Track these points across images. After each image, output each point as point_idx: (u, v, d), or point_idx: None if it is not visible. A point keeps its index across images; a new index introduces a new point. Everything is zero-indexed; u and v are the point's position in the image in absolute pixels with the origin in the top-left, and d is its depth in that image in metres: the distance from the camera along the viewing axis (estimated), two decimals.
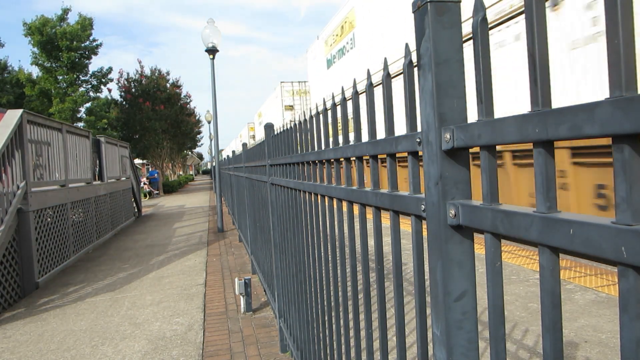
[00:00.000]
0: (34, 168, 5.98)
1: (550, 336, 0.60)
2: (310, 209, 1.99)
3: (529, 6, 0.60)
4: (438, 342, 0.84)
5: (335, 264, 1.65)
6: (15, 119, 5.42)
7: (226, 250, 7.17)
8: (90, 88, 20.81)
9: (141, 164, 34.61)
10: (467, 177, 0.81)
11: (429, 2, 0.78)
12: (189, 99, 29.35)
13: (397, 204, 1.03)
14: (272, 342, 3.33)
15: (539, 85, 0.59)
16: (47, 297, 5.02)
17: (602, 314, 3.32)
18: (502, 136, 0.65)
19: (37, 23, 18.72)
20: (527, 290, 3.98)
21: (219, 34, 9.43)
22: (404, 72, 0.97)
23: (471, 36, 0.72)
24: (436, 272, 0.83)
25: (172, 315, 4.04)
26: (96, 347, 3.43)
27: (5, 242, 4.87)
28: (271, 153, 3.05)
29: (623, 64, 0.46)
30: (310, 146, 1.91)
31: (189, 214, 13.36)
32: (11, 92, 23.02)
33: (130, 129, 23.77)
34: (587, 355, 2.72)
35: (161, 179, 26.97)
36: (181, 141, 30.16)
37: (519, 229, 0.63)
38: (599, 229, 0.49)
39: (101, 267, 6.44)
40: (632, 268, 0.46)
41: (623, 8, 0.46)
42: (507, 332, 3.08)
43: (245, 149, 5.34)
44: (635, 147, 0.46)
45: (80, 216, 7.78)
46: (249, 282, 3.92)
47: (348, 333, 1.56)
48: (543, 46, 0.59)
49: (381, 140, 1.11)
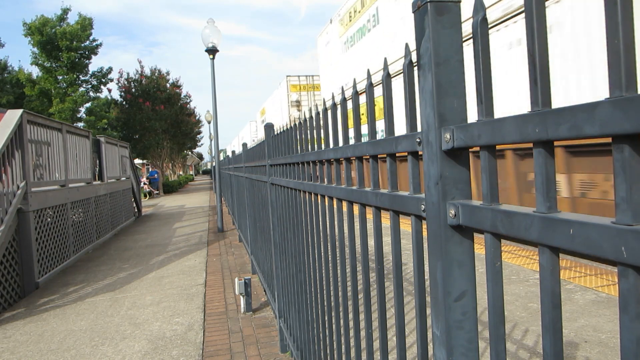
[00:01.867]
0: (34, 168, 5.98)
1: (550, 336, 0.60)
2: (310, 209, 1.99)
3: (529, 6, 0.60)
4: (438, 342, 0.84)
5: (335, 264, 1.65)
6: (15, 119, 5.42)
7: (226, 250, 7.17)
8: (90, 88, 20.83)
9: (141, 164, 34.62)
10: (467, 177, 0.81)
11: (429, 2, 0.78)
12: (189, 99, 29.36)
13: (397, 204, 1.03)
14: (272, 342, 3.33)
15: (539, 85, 0.59)
16: (47, 297, 5.02)
17: (602, 314, 3.32)
18: (502, 136, 0.65)
19: (37, 23, 18.72)
20: (527, 290, 3.98)
21: (219, 33, 9.43)
22: (403, 72, 0.97)
23: (471, 36, 0.72)
24: (436, 272, 0.83)
25: (172, 315, 4.04)
26: (96, 347, 3.43)
27: (5, 242, 4.87)
28: (271, 153, 3.05)
29: (623, 64, 0.46)
30: (310, 146, 1.91)
31: (189, 214, 13.36)
32: (11, 92, 23.03)
33: (130, 129, 23.77)
34: (587, 355, 2.72)
35: (161, 179, 26.97)
36: (181, 141, 30.16)
37: (519, 229, 0.63)
38: (599, 229, 0.49)
39: (101, 267, 6.44)
40: (632, 268, 0.46)
41: (623, 8, 0.46)
42: (507, 332, 3.08)
43: (245, 149, 5.34)
44: (635, 147, 0.46)
45: (80, 216, 7.78)
46: (249, 282, 3.92)
47: (348, 333, 1.56)
48: (543, 46, 0.59)
49: (381, 140, 1.11)
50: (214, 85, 9.60)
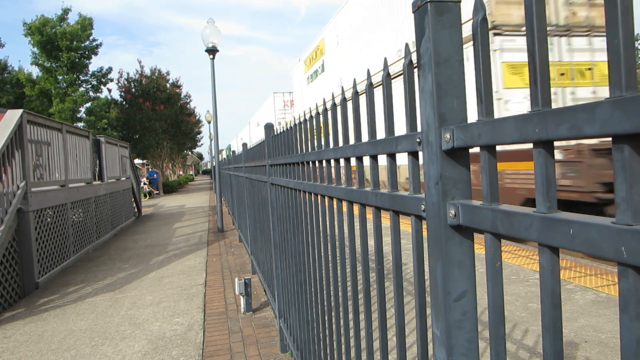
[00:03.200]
0: (34, 168, 5.98)
1: (550, 336, 0.60)
2: (310, 209, 1.99)
3: (529, 6, 0.60)
4: (438, 342, 0.84)
5: (335, 264, 1.65)
6: (15, 119, 5.42)
7: (226, 250, 7.17)
8: (90, 88, 20.84)
9: (141, 164, 34.61)
10: (467, 177, 0.81)
11: (429, 2, 0.78)
12: (189, 99, 29.37)
13: (397, 204, 1.03)
14: (272, 342, 3.33)
15: (539, 85, 0.59)
16: (47, 297, 5.02)
17: (602, 314, 3.32)
18: (502, 136, 0.65)
19: (37, 23, 18.73)
20: (527, 290, 3.98)
21: (219, 33, 9.43)
22: (403, 72, 0.97)
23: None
24: (436, 272, 0.83)
25: (172, 315, 4.04)
26: (96, 347, 3.43)
27: (5, 242, 4.87)
28: (271, 153, 3.05)
29: (623, 64, 0.46)
30: (310, 146, 1.91)
31: (189, 214, 13.36)
32: (11, 92, 23.04)
33: (130, 129, 23.77)
34: (587, 355, 2.72)
35: (161, 179, 26.97)
36: (181, 141, 30.17)
37: (519, 229, 0.63)
38: (599, 229, 0.49)
39: (101, 267, 6.44)
40: (632, 268, 0.46)
41: (623, 8, 0.46)
42: (507, 332, 3.08)
43: (245, 149, 5.34)
44: (635, 147, 0.46)
45: (80, 216, 7.78)
46: (249, 282, 3.92)
47: (348, 333, 1.56)
48: (543, 46, 0.59)
49: (381, 140, 1.11)
50: (213, 85, 9.60)
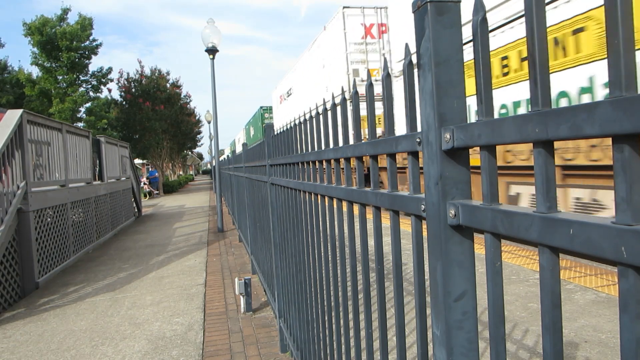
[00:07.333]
0: (34, 168, 5.98)
1: (550, 336, 0.60)
2: (310, 209, 1.99)
3: (529, 7, 0.60)
4: (438, 342, 0.84)
5: (335, 264, 1.65)
6: (15, 119, 5.42)
7: (226, 250, 7.17)
8: (90, 88, 20.80)
9: (141, 164, 34.61)
10: (467, 177, 0.81)
11: (429, 2, 0.78)
12: (189, 99, 29.38)
13: (397, 204, 1.03)
14: (272, 342, 3.33)
15: (539, 85, 0.59)
16: (47, 297, 5.02)
17: (602, 314, 3.32)
18: (502, 136, 0.65)
19: (37, 23, 18.69)
20: (527, 290, 3.97)
21: (219, 33, 9.42)
22: (403, 72, 0.97)
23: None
24: (436, 272, 0.83)
25: (172, 315, 4.04)
26: (96, 347, 3.43)
27: (5, 242, 4.87)
28: (271, 153, 3.05)
29: (623, 64, 0.46)
30: (310, 146, 1.91)
31: (189, 214, 13.35)
32: (11, 92, 23.02)
33: (130, 129, 23.76)
34: (587, 355, 2.72)
35: (161, 179, 26.96)
36: (181, 141, 30.18)
37: (519, 229, 0.63)
38: (599, 229, 0.49)
39: (101, 267, 6.44)
40: (632, 268, 0.46)
41: (623, 8, 0.46)
42: (507, 332, 3.08)
43: (245, 149, 5.34)
44: (635, 147, 0.46)
45: (80, 216, 7.77)
46: (249, 282, 3.92)
47: (348, 333, 1.56)
48: (543, 46, 0.59)
49: (381, 140, 1.11)
50: (213, 85, 9.60)
